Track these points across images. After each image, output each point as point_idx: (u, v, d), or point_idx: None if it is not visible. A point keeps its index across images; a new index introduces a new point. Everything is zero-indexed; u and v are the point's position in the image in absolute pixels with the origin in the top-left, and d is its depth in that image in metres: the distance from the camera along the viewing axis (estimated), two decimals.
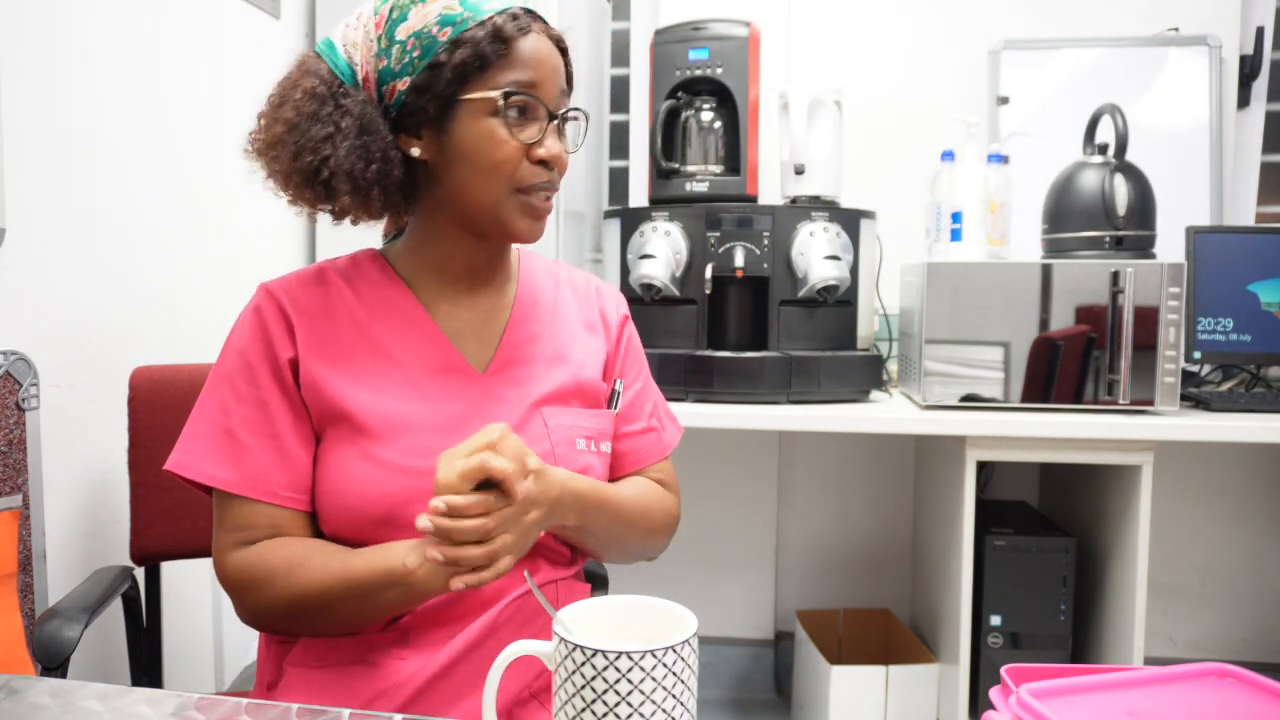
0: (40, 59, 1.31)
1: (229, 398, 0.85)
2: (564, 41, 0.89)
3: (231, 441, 0.84)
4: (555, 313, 0.97)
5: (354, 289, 0.90)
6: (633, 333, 1.05)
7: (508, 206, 0.86)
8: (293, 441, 0.85)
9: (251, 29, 1.86)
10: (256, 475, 0.83)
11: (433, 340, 0.89)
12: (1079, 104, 1.87)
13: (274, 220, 1.97)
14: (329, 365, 0.86)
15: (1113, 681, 0.64)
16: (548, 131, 0.85)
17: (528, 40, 0.84)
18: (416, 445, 0.84)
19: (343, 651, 0.84)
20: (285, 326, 0.87)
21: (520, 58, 0.83)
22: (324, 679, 0.83)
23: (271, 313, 0.87)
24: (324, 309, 0.89)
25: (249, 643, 1.94)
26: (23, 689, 0.67)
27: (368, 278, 0.92)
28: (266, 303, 0.88)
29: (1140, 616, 1.61)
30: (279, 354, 0.86)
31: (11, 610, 1.16)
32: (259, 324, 0.87)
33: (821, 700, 1.85)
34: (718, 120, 1.82)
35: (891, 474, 2.23)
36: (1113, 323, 1.60)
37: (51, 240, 1.34)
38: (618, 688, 0.55)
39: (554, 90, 0.86)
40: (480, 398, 0.89)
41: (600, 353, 0.98)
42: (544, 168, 0.86)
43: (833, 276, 1.62)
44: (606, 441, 0.96)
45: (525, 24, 0.84)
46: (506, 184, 0.85)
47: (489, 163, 0.84)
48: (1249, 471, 2.14)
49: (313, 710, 0.65)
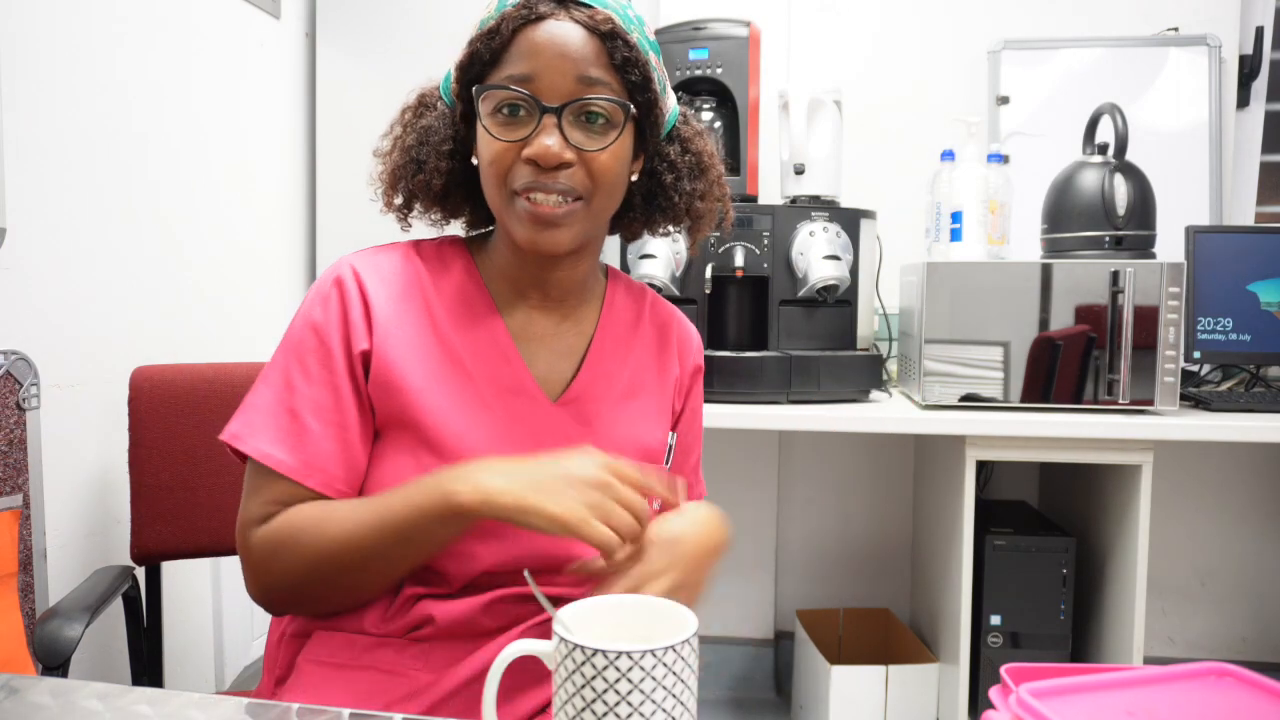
0: (41, 59, 1.31)
1: (297, 375, 0.81)
2: (608, 23, 0.79)
3: (295, 422, 0.79)
4: (634, 348, 0.92)
5: (436, 284, 0.86)
6: (700, 385, 1.02)
7: (508, 213, 0.81)
8: (357, 435, 0.81)
9: (251, 29, 1.86)
10: (316, 463, 0.79)
11: (506, 357, 0.85)
12: (1079, 104, 1.87)
13: (274, 219, 1.97)
14: (402, 367, 0.81)
15: (1112, 681, 0.64)
16: (541, 127, 0.78)
17: (535, 29, 0.78)
18: None
19: (358, 651, 0.82)
20: (365, 314, 0.82)
21: (519, 49, 0.78)
22: (338, 679, 0.81)
23: (354, 297, 0.82)
24: (404, 302, 0.84)
25: (249, 643, 1.94)
26: (23, 688, 0.67)
27: (451, 274, 0.87)
28: (351, 283, 0.83)
29: (1140, 616, 1.61)
30: (355, 343, 0.81)
31: (12, 610, 1.16)
32: (340, 304, 0.82)
33: (821, 700, 1.85)
34: (718, 120, 1.82)
35: (891, 474, 2.24)
36: (1112, 322, 1.60)
37: (52, 240, 1.34)
38: (618, 687, 0.55)
39: (559, 80, 0.78)
40: (545, 429, 0.85)
41: (666, 400, 0.94)
42: (533, 167, 0.79)
43: (832, 276, 1.62)
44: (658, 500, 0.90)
45: (538, 11, 0.78)
46: (502, 187, 0.81)
47: (484, 164, 0.82)
48: (1248, 471, 2.14)
49: (313, 710, 0.65)
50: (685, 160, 0.91)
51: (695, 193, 0.91)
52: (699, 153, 0.92)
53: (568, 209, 0.80)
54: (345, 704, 0.77)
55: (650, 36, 0.84)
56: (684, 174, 0.90)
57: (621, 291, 0.96)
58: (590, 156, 0.79)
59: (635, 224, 0.94)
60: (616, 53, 0.79)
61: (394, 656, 0.81)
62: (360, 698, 0.79)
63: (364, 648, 0.82)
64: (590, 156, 0.79)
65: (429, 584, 0.83)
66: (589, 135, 0.80)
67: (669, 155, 0.90)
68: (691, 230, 0.96)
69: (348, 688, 0.80)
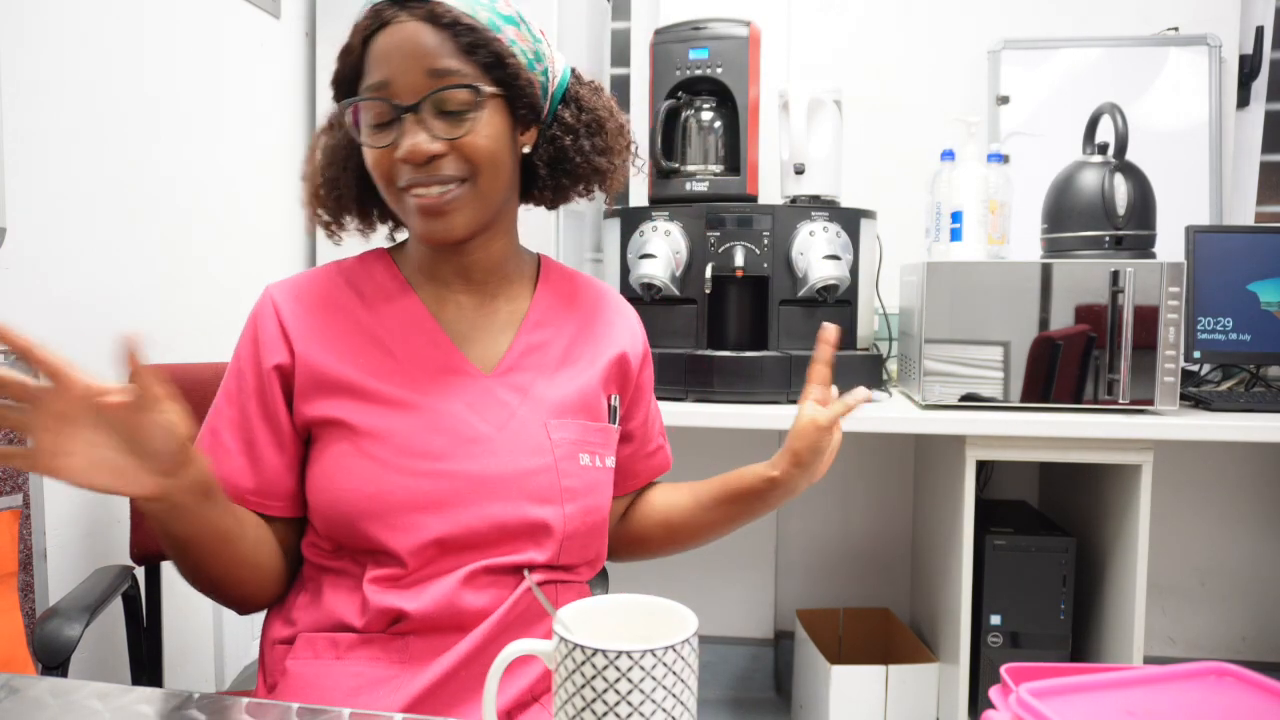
0: (40, 58, 1.31)
1: (222, 398, 0.88)
2: (448, 13, 0.80)
3: (214, 440, 0.87)
4: (570, 319, 0.96)
5: (358, 289, 0.91)
6: (650, 357, 1.05)
7: (402, 210, 0.85)
8: (268, 448, 0.86)
9: (252, 29, 1.86)
10: (228, 479, 0.85)
11: (434, 341, 0.89)
12: (1079, 103, 1.87)
13: (275, 220, 1.97)
14: (327, 366, 0.86)
15: (1112, 681, 0.64)
16: (404, 129, 0.80)
17: (381, 37, 0.81)
18: (409, 444, 0.83)
19: (342, 650, 0.84)
20: (279, 330, 0.87)
21: (373, 58, 0.81)
22: (324, 679, 0.83)
23: (266, 317, 0.88)
24: (325, 307, 0.89)
25: (249, 643, 1.94)
26: (23, 688, 0.67)
27: (373, 278, 0.92)
28: (264, 307, 0.89)
29: (1140, 616, 1.61)
30: (265, 361, 0.86)
31: (12, 609, 1.16)
32: (253, 330, 0.88)
33: (821, 700, 1.85)
34: (718, 120, 1.82)
35: (891, 473, 2.24)
36: (1112, 322, 1.60)
37: (52, 240, 1.34)
38: (618, 687, 0.55)
39: (411, 79, 0.80)
40: (480, 398, 0.88)
41: (604, 366, 0.96)
42: (409, 165, 0.81)
43: (832, 276, 1.62)
44: (611, 456, 0.94)
45: (382, 19, 0.81)
46: (390, 188, 0.84)
47: (371, 172, 0.85)
48: (1249, 471, 2.14)
49: (313, 710, 0.65)
50: (582, 119, 0.93)
51: (595, 148, 0.93)
52: (594, 109, 0.93)
53: (452, 195, 0.83)
54: (333, 700, 0.79)
55: (505, 10, 0.84)
56: (581, 133, 0.92)
57: (556, 272, 1.00)
58: (460, 143, 0.81)
59: (545, 191, 0.95)
60: (460, 38, 0.80)
61: (377, 653, 0.83)
62: (346, 695, 0.81)
63: (347, 646, 0.84)
64: (460, 143, 0.81)
65: (382, 564, 0.83)
66: (451, 124, 0.81)
67: (564, 118, 0.92)
68: (603, 186, 0.97)
69: (335, 686, 0.82)
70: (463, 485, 0.84)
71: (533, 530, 0.86)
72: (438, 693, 0.81)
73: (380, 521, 0.82)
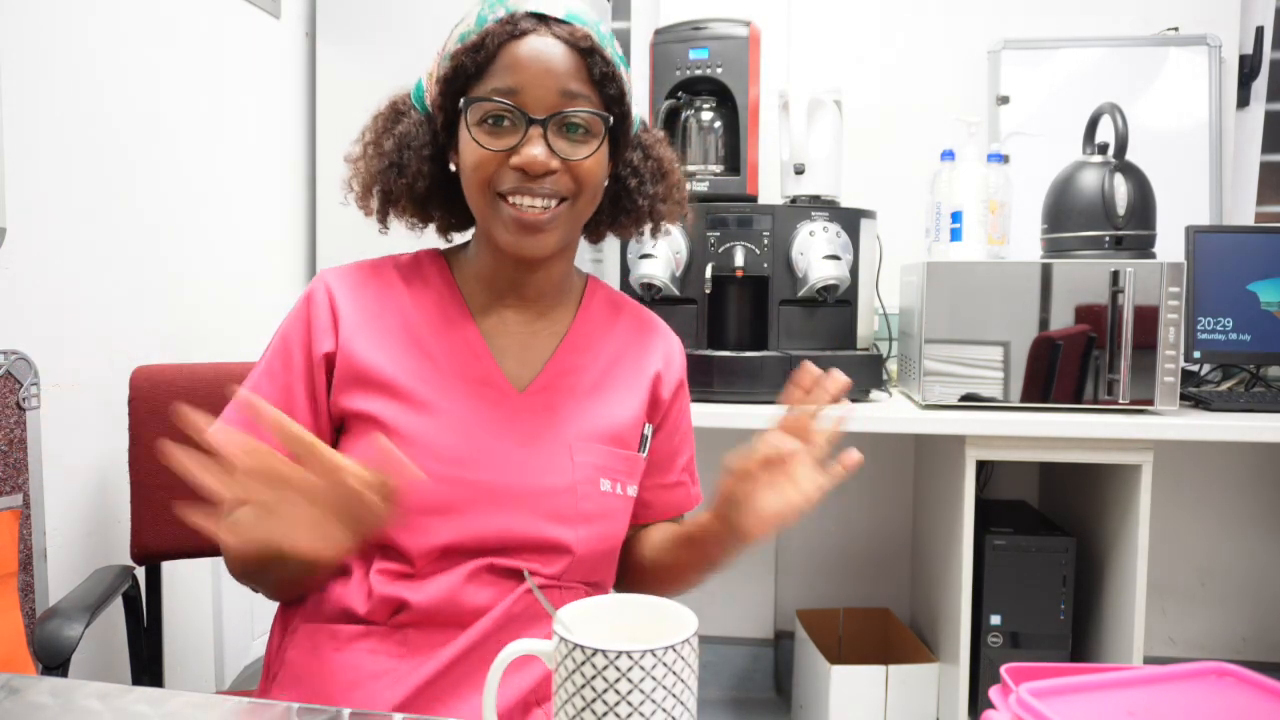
0: (40, 57, 1.31)
1: (262, 376, 0.89)
2: (587, 40, 0.84)
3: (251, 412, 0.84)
4: (608, 344, 0.96)
5: (410, 288, 0.92)
6: (685, 388, 1.04)
7: (492, 218, 0.85)
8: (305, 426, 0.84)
9: (252, 28, 1.86)
10: None
11: (474, 351, 0.90)
12: (1079, 103, 1.87)
13: (275, 219, 1.97)
14: (368, 360, 0.87)
15: (1112, 681, 0.64)
16: (527, 138, 0.82)
17: (519, 45, 0.82)
18: (432, 447, 0.84)
19: (342, 641, 0.84)
20: (332, 320, 0.88)
21: (504, 63, 0.82)
22: (321, 667, 0.84)
23: (322, 305, 0.89)
24: (376, 302, 0.90)
25: (249, 643, 1.95)
26: (23, 688, 0.67)
27: (426, 279, 0.93)
28: (319, 292, 0.90)
29: (1140, 616, 1.61)
30: (316, 347, 0.87)
31: (12, 609, 1.16)
32: (306, 313, 0.89)
33: (821, 699, 1.85)
34: (718, 120, 1.82)
35: (891, 473, 2.23)
36: (1112, 322, 1.60)
37: (52, 240, 1.34)
38: (618, 687, 0.55)
39: (543, 93, 0.82)
40: (509, 416, 0.88)
41: (642, 394, 0.96)
42: (520, 174, 0.83)
43: (832, 276, 1.62)
44: (634, 485, 0.94)
45: (521, 28, 0.83)
46: (486, 191, 0.85)
47: (468, 169, 0.85)
48: (1249, 471, 2.14)
49: (312, 710, 0.65)
50: (648, 165, 0.96)
51: (658, 195, 0.96)
52: (660, 158, 0.97)
53: (553, 213, 0.85)
54: (330, 692, 0.79)
55: (620, 52, 0.89)
56: (646, 178, 0.95)
57: (601, 295, 1.00)
58: (574, 164, 0.84)
59: (601, 226, 0.98)
60: (595, 68, 0.84)
61: (376, 645, 0.83)
62: (344, 688, 0.82)
63: (347, 638, 0.84)
64: (574, 164, 0.84)
65: (391, 559, 0.85)
66: (572, 144, 0.84)
67: (632, 161, 0.94)
68: (653, 231, 1.00)
69: (332, 678, 0.83)
70: (477, 494, 0.84)
71: (543, 548, 0.86)
72: (434, 686, 0.82)
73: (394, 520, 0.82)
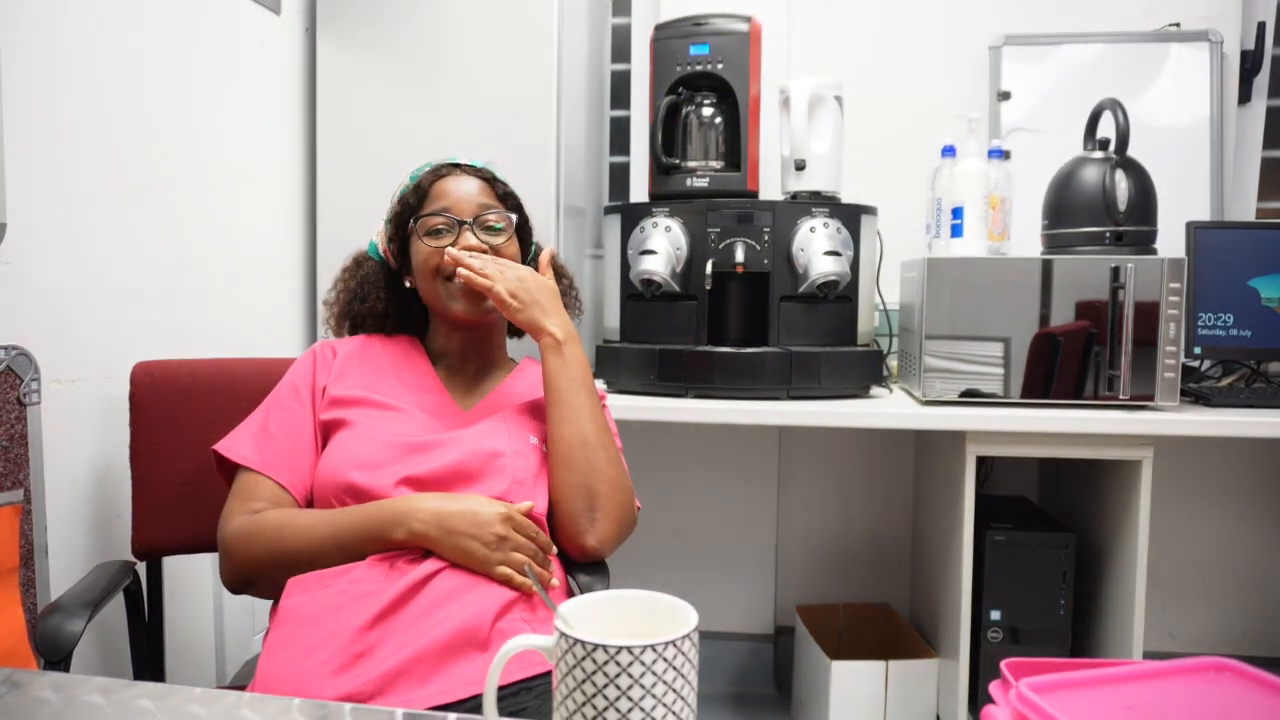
0: (40, 54, 1.31)
1: (273, 407, 1.15)
2: (487, 172, 1.24)
3: (264, 434, 1.12)
4: (532, 392, 1.23)
5: (389, 352, 1.23)
6: None
7: (444, 295, 1.18)
8: (306, 444, 1.13)
9: (252, 25, 1.86)
10: (271, 460, 1.10)
11: (430, 387, 1.21)
12: (1080, 99, 1.87)
13: (274, 215, 1.97)
14: (348, 384, 1.16)
15: (1112, 676, 0.64)
16: (461, 234, 1.17)
17: (445, 181, 1.20)
18: (390, 427, 1.11)
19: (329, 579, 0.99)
20: (331, 359, 1.20)
21: (436, 193, 1.20)
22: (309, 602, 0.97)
23: (324, 351, 1.21)
24: (361, 355, 1.22)
25: (251, 637, 1.95)
26: (25, 683, 0.67)
27: (404, 349, 1.25)
28: (323, 346, 1.22)
29: (1140, 611, 1.61)
30: (319, 380, 1.17)
31: (14, 605, 1.16)
32: (313, 359, 1.20)
33: (821, 695, 1.85)
34: (718, 116, 1.82)
35: (891, 469, 2.24)
36: (1113, 318, 1.60)
37: (53, 235, 1.34)
38: (618, 682, 0.55)
39: (466, 206, 1.18)
40: (452, 416, 1.18)
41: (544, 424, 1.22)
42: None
43: (833, 272, 1.62)
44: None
45: (443, 171, 1.21)
46: (438, 277, 1.17)
47: (422, 266, 1.19)
48: (1249, 467, 2.14)
49: (314, 704, 0.66)
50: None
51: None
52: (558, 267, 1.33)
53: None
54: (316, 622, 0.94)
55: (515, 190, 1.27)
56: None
57: (531, 366, 1.28)
58: (499, 247, 1.19)
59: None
60: (498, 188, 1.24)
61: (361, 574, 0.98)
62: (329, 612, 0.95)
63: (334, 575, 0.99)
64: (499, 247, 1.19)
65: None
66: (492, 235, 1.20)
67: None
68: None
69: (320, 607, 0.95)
70: (430, 445, 1.09)
71: (485, 460, 1.08)
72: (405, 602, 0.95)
73: (364, 471, 1.06)
